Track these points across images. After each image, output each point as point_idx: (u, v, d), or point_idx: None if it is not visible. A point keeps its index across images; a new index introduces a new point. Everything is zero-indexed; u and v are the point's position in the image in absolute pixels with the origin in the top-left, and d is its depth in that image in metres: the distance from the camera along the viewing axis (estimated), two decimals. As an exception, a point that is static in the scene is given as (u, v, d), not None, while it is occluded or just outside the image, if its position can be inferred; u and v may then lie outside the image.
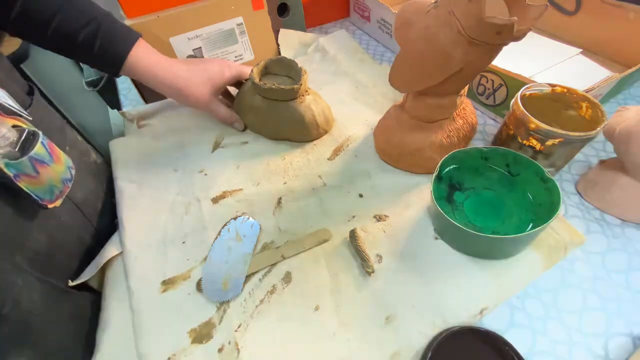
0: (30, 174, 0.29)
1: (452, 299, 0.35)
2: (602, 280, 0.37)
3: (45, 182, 0.31)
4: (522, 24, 0.30)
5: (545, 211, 0.36)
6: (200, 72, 0.47)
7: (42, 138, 0.31)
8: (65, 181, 0.33)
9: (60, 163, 0.33)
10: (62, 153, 0.34)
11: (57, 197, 0.33)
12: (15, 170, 0.28)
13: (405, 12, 0.38)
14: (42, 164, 0.30)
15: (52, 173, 0.31)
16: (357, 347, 0.33)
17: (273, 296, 0.37)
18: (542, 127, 0.38)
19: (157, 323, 0.35)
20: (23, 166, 0.28)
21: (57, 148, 0.33)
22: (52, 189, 0.32)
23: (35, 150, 0.29)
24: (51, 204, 0.32)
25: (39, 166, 0.30)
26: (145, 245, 0.41)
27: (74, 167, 0.35)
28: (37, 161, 0.29)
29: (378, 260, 0.38)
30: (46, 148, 0.31)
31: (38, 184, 0.30)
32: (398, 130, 0.45)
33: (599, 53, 0.61)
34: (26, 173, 0.29)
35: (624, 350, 0.33)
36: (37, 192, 0.30)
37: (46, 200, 0.31)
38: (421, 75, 0.38)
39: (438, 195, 0.41)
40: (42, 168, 0.30)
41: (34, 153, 0.29)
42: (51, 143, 0.32)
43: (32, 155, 0.29)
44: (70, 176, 0.34)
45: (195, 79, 0.47)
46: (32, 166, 0.29)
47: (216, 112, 0.50)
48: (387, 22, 0.69)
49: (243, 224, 0.42)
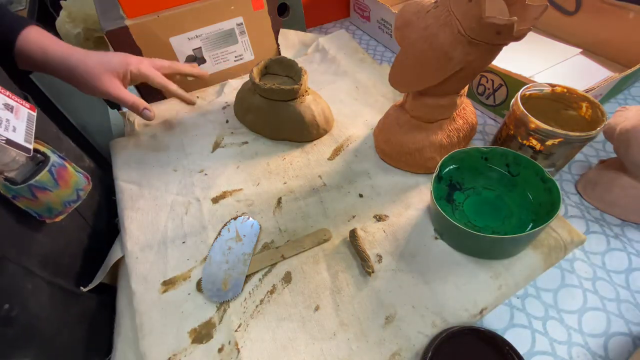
0: (28, 197, 0.30)
1: (452, 299, 0.35)
2: (602, 280, 0.37)
3: (43, 204, 0.32)
4: (522, 24, 0.30)
5: (545, 211, 0.36)
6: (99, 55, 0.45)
7: (52, 165, 0.32)
8: (67, 204, 0.34)
9: (68, 187, 0.34)
10: (75, 174, 0.35)
11: (57, 215, 0.34)
12: (14, 193, 0.29)
13: (405, 12, 0.38)
14: (43, 191, 0.31)
15: (52, 198, 0.32)
16: (357, 347, 0.33)
17: (273, 296, 0.37)
18: (542, 127, 0.38)
19: (158, 323, 0.35)
20: (22, 191, 0.30)
21: (70, 170, 0.34)
22: (50, 210, 0.33)
23: (38, 179, 0.30)
24: (50, 220, 0.33)
25: (38, 192, 0.31)
26: (146, 246, 0.41)
27: (85, 188, 0.36)
28: (36, 188, 0.30)
29: (378, 260, 0.38)
30: (53, 175, 0.32)
31: (35, 205, 0.31)
32: (398, 130, 0.45)
33: (599, 53, 0.61)
34: (24, 196, 0.30)
35: (624, 350, 0.33)
36: (35, 211, 0.31)
37: (44, 217, 0.32)
38: (421, 75, 0.38)
39: (438, 195, 0.41)
40: (41, 194, 0.31)
41: (35, 181, 0.30)
42: (64, 168, 0.33)
43: (32, 183, 0.30)
44: (77, 197, 0.35)
45: (92, 57, 0.44)
46: (30, 192, 0.30)
47: (121, 96, 0.46)
48: (387, 22, 0.69)
49: (243, 224, 0.42)
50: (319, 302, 0.36)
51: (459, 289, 0.35)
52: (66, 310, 0.34)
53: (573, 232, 0.38)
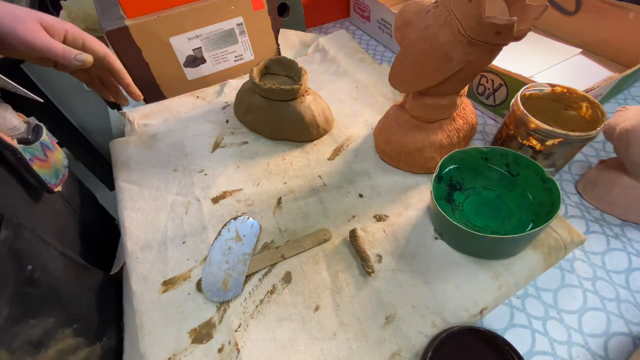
0: (41, 157, 0.33)
1: (452, 299, 0.35)
2: (602, 280, 0.37)
3: (52, 165, 0.35)
4: (522, 24, 0.30)
5: (545, 211, 0.36)
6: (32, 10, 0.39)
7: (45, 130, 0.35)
8: (64, 167, 0.38)
9: (58, 151, 0.38)
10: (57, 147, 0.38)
11: (60, 182, 0.37)
12: (30, 155, 0.32)
13: (405, 12, 0.38)
14: (49, 149, 0.35)
15: (56, 158, 0.36)
16: (357, 347, 0.33)
17: (273, 296, 0.37)
18: (542, 127, 0.38)
19: (158, 323, 0.35)
20: (35, 150, 0.33)
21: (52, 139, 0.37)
22: (57, 173, 0.36)
23: (43, 139, 0.34)
24: (56, 188, 0.36)
25: (48, 151, 0.34)
26: (146, 246, 0.41)
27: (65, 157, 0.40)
28: (45, 146, 0.34)
29: (378, 260, 0.38)
30: (49, 137, 0.36)
31: (47, 167, 0.34)
32: (398, 130, 0.45)
33: (599, 53, 0.61)
34: (38, 157, 0.33)
35: (624, 350, 0.33)
36: (46, 176, 0.34)
37: (52, 184, 0.35)
38: (421, 75, 0.38)
39: (438, 195, 0.41)
40: (49, 153, 0.35)
41: (43, 140, 0.34)
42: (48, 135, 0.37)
43: (42, 141, 0.33)
44: (66, 163, 0.39)
45: (22, 5, 0.39)
46: (42, 150, 0.33)
47: (48, 45, 0.38)
48: (387, 22, 0.69)
49: (243, 224, 0.42)
50: (319, 302, 0.36)
51: (459, 289, 0.35)
52: (80, 280, 0.36)
53: (573, 232, 0.38)
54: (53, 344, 0.29)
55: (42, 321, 0.29)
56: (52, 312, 0.30)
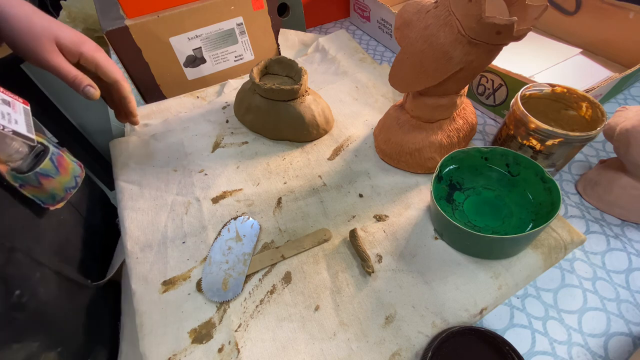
0: (34, 185, 0.33)
1: (452, 299, 0.35)
2: (602, 280, 0.37)
3: (47, 191, 0.34)
4: (522, 24, 0.30)
5: (545, 211, 0.36)
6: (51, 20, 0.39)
7: (52, 153, 0.34)
8: (68, 189, 0.36)
9: (67, 173, 0.36)
10: (71, 162, 0.37)
11: (59, 202, 0.35)
12: (21, 182, 0.32)
13: (405, 12, 0.38)
14: (47, 177, 0.33)
15: (55, 184, 0.34)
16: (357, 347, 0.33)
17: (273, 296, 0.37)
18: (542, 127, 0.38)
19: (158, 323, 0.35)
20: (28, 179, 0.32)
21: (67, 159, 0.36)
22: (53, 196, 0.35)
23: (42, 167, 0.33)
24: (53, 207, 0.35)
25: (43, 179, 0.33)
26: (146, 246, 0.41)
27: (80, 175, 0.38)
28: (41, 175, 0.33)
29: (378, 260, 0.38)
30: (54, 162, 0.34)
31: (40, 192, 0.33)
32: (398, 130, 0.45)
33: (599, 53, 0.61)
34: (30, 184, 0.32)
35: (624, 350, 0.33)
36: (40, 198, 0.33)
37: (48, 204, 0.34)
38: (421, 75, 0.38)
39: (438, 195, 0.41)
40: (45, 180, 0.33)
41: (40, 169, 0.33)
42: (61, 156, 0.35)
43: (38, 171, 0.32)
44: (75, 183, 0.37)
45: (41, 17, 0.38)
46: (36, 179, 0.32)
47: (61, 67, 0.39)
48: (387, 22, 0.69)
49: (243, 224, 0.42)
50: (319, 302, 0.36)
51: (459, 289, 0.35)
52: (72, 299, 0.35)
53: (573, 232, 0.38)
54: None
55: (27, 345, 0.28)
56: (37, 335, 0.29)
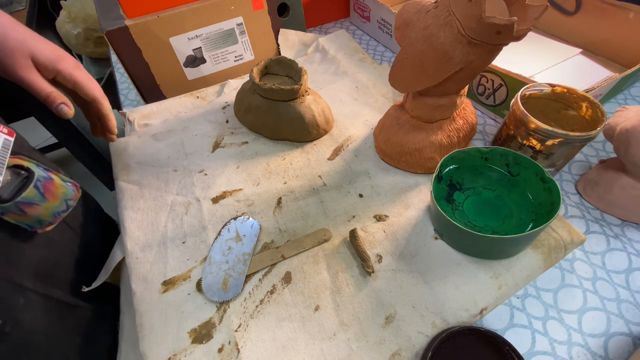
0: (17, 213, 0.31)
1: (452, 299, 0.35)
2: (602, 280, 0.37)
3: (32, 218, 0.32)
4: (522, 24, 0.30)
5: (545, 211, 0.36)
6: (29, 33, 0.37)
7: (37, 180, 0.32)
8: (56, 214, 0.34)
9: (55, 199, 0.34)
10: (63, 185, 0.35)
11: (48, 226, 0.34)
12: (2, 210, 0.30)
13: (405, 12, 0.38)
14: (30, 205, 0.32)
15: (41, 211, 0.33)
16: (357, 347, 0.33)
17: (273, 296, 0.37)
18: (542, 127, 0.38)
19: (158, 323, 0.35)
20: (9, 208, 0.30)
21: (57, 183, 0.34)
22: (40, 222, 0.33)
23: (24, 195, 0.31)
24: (41, 230, 0.33)
25: (26, 207, 0.31)
26: (146, 246, 0.41)
27: (74, 197, 0.36)
28: (24, 204, 0.31)
29: (378, 260, 0.38)
30: (39, 189, 0.32)
31: (24, 219, 0.32)
32: (398, 130, 0.45)
33: (599, 53, 0.61)
34: (12, 212, 0.31)
35: (624, 350, 0.33)
36: (25, 223, 0.32)
37: (35, 228, 0.33)
38: (421, 75, 0.38)
39: (438, 195, 0.41)
40: (29, 208, 0.31)
41: (22, 198, 0.31)
42: (50, 181, 0.34)
43: (19, 200, 0.30)
44: (66, 207, 0.35)
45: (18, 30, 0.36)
46: (18, 208, 0.31)
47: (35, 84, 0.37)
48: (387, 22, 0.69)
49: (243, 224, 0.42)
50: (319, 302, 0.36)
51: (459, 289, 0.35)
52: (62, 322, 0.33)
53: (573, 232, 0.38)
54: None
55: None
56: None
